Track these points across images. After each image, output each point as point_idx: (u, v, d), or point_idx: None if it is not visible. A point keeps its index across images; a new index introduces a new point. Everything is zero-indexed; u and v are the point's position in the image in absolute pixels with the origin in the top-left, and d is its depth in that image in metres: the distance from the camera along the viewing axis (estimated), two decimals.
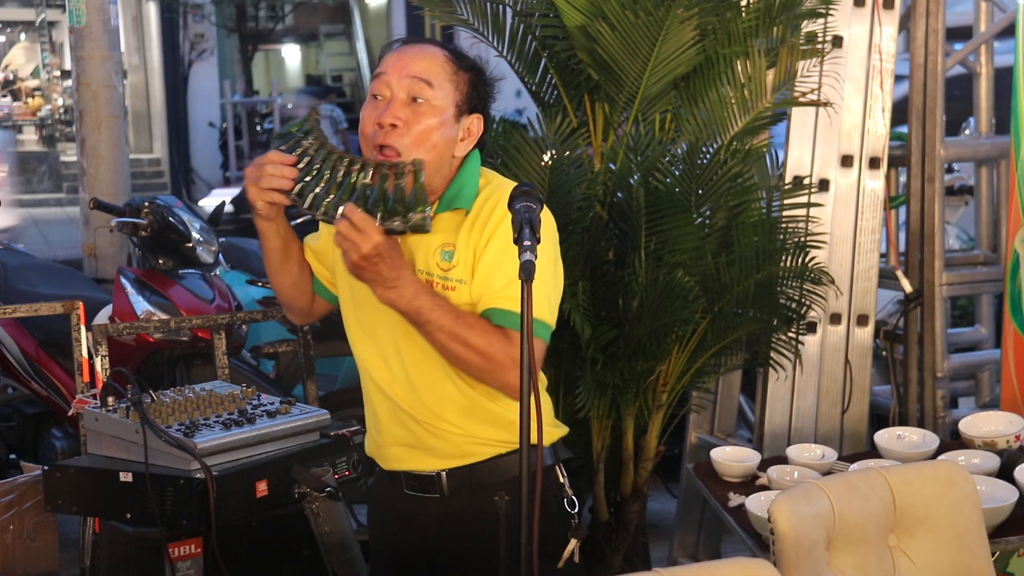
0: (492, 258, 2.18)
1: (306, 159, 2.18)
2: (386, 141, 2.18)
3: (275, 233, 2.30)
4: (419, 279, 2.17)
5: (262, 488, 2.73)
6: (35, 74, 19.69)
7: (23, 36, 20.79)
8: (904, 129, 4.05)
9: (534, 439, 2.21)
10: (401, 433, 2.29)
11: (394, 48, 2.26)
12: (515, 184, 2.14)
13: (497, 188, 2.24)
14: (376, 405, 2.33)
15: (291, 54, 24.42)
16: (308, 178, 2.17)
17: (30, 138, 19.31)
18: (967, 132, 4.81)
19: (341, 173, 2.16)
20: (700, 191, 3.21)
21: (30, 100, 19.26)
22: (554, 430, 2.37)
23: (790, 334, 3.42)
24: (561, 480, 2.38)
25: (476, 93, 2.26)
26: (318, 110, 2.31)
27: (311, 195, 2.16)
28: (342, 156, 2.19)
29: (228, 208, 7.66)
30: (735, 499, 2.84)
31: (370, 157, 2.20)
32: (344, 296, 2.36)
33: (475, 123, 2.27)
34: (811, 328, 3.73)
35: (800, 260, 3.30)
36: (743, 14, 3.32)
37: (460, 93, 2.23)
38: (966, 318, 5.22)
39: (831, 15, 3.48)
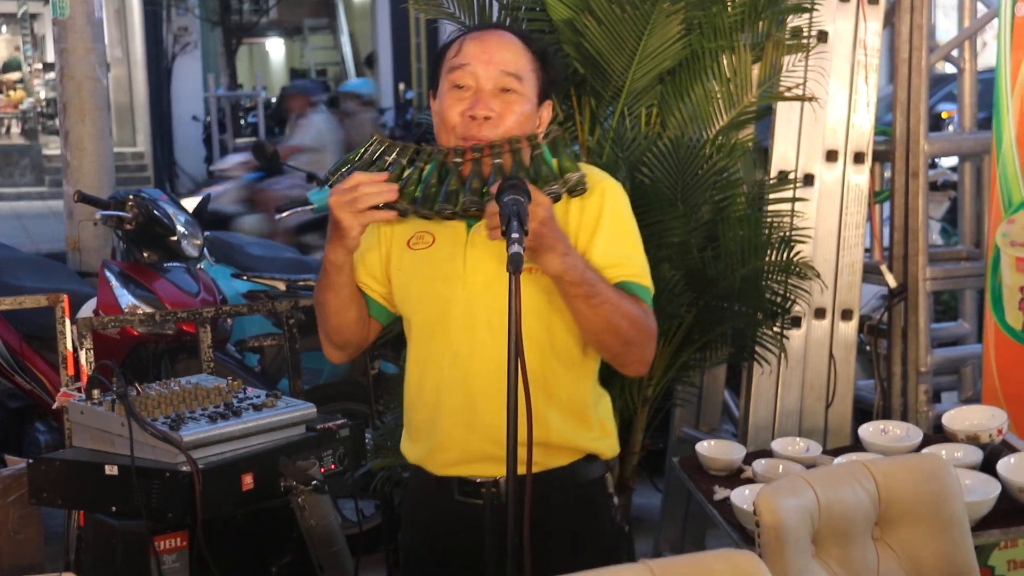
0: (608, 234, 2.19)
1: (394, 167, 2.15)
2: (479, 133, 2.17)
3: (350, 263, 2.22)
4: None
5: (248, 481, 2.72)
6: (16, 66, 19.59)
7: (4, 28, 20.70)
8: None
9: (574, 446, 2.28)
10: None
11: (469, 36, 2.25)
12: (596, 168, 2.27)
13: (588, 170, 2.24)
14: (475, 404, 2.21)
15: (275, 48, 24.37)
16: (410, 184, 2.12)
17: (12, 131, 19.23)
18: (951, 128, 4.83)
19: (449, 168, 2.14)
20: (685, 186, 3.22)
21: (11, 93, 19.19)
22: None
23: (775, 328, 3.43)
24: (610, 491, 2.37)
25: (547, 79, 2.27)
26: (382, 134, 2.30)
27: (432, 195, 2.11)
28: (435, 151, 2.16)
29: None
30: (720, 492, 2.86)
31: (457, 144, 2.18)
32: (435, 303, 2.23)
33: (547, 110, 2.28)
34: (796, 322, 3.74)
35: (785, 255, 3.31)
36: (729, 9, 3.33)
37: (537, 82, 2.24)
38: (949, 313, 5.24)
39: (816, 10, 3.50)
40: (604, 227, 2.20)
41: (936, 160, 5.48)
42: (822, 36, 3.72)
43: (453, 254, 2.22)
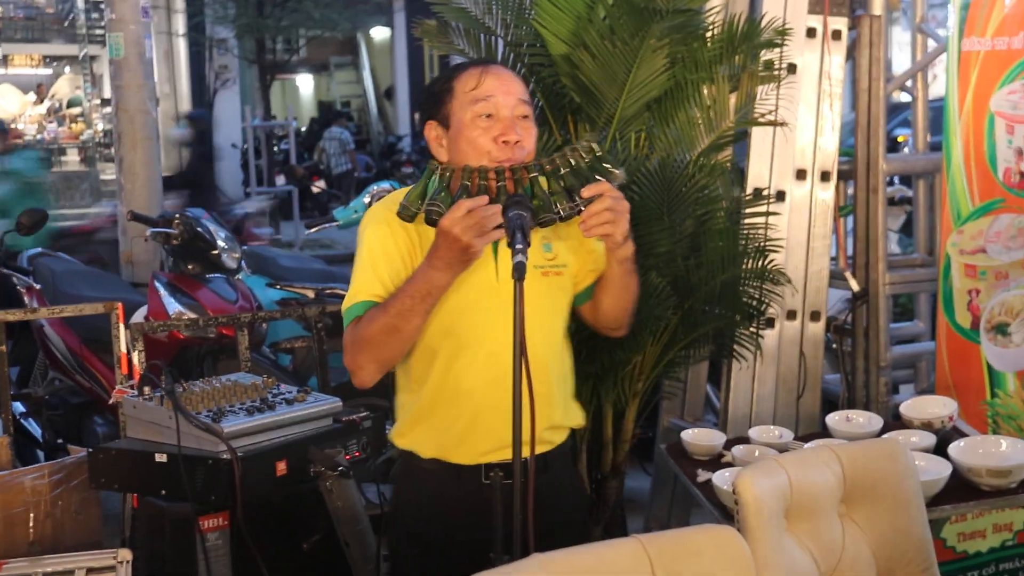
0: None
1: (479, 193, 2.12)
2: (512, 155, 2.17)
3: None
4: None
5: (282, 467, 2.72)
6: (78, 102, 19.62)
7: (67, 69, 20.74)
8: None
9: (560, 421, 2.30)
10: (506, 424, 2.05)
11: (487, 71, 2.23)
12: None
13: None
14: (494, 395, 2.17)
15: (305, 82, 24.41)
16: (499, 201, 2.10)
17: (73, 159, 19.25)
18: (906, 150, 4.82)
19: (527, 182, 2.15)
20: (671, 202, 3.21)
21: (73, 125, 19.20)
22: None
23: (751, 329, 3.42)
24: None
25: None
26: (432, 164, 2.28)
27: (538, 207, 2.11)
28: (508, 171, 2.16)
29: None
30: (703, 475, 2.84)
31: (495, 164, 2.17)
32: (469, 310, 2.19)
33: None
34: (770, 323, 3.73)
35: (760, 263, 3.30)
36: (708, 44, 3.32)
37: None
38: (906, 314, 5.23)
39: (786, 45, 3.49)
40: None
41: (893, 178, 5.46)
42: (791, 68, 3.72)
43: (484, 264, 2.18)
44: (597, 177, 2.16)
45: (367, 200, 4.94)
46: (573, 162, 2.17)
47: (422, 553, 2.30)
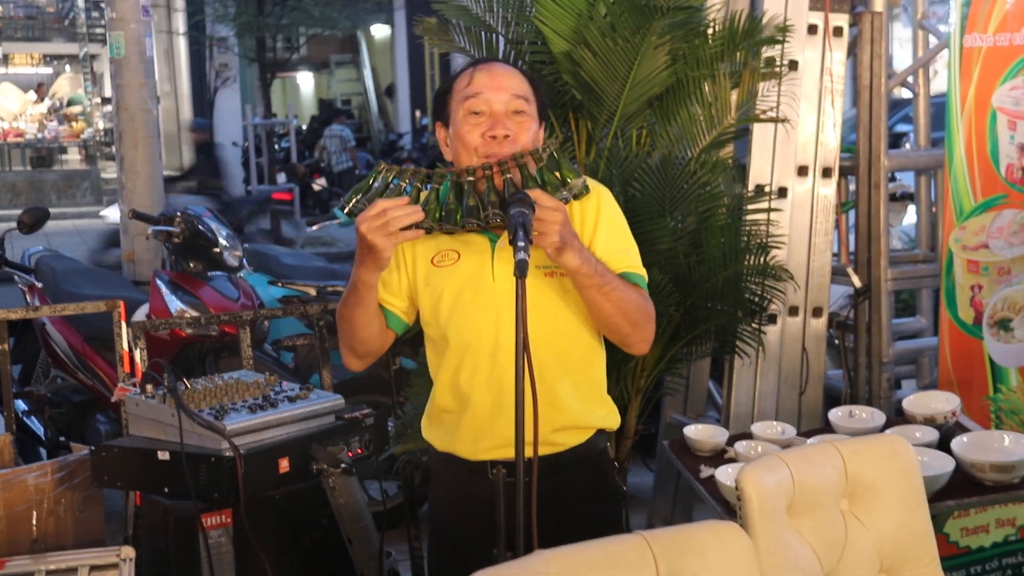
0: (607, 233, 2.21)
1: (409, 191, 2.11)
2: (500, 151, 2.17)
3: (378, 281, 2.19)
4: None
5: (284, 465, 2.72)
6: (79, 101, 19.64)
7: (68, 68, 20.77)
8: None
9: (590, 424, 2.29)
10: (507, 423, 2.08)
11: (478, 69, 2.24)
12: (587, 177, 2.21)
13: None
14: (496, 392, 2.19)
15: (305, 80, 24.42)
16: (429, 204, 2.09)
17: (74, 157, 19.28)
18: (908, 145, 4.81)
19: (465, 186, 2.11)
20: (672, 198, 3.21)
21: (74, 124, 19.22)
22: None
23: (753, 325, 3.43)
24: (611, 457, 2.41)
25: (541, 103, 2.28)
26: (384, 162, 2.25)
27: (453, 212, 2.09)
28: (448, 172, 2.14)
29: None
30: (706, 471, 2.85)
31: (473, 164, 2.16)
32: (468, 312, 2.21)
33: (542, 131, 2.28)
34: (772, 319, 3.73)
35: (762, 259, 3.30)
36: (710, 41, 3.33)
37: (537, 105, 2.26)
38: (908, 310, 5.23)
39: (787, 42, 3.50)
40: (602, 226, 2.22)
41: (895, 174, 5.45)
42: (793, 65, 3.72)
43: (481, 267, 2.20)
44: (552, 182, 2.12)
45: None
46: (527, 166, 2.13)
47: (444, 540, 2.37)
